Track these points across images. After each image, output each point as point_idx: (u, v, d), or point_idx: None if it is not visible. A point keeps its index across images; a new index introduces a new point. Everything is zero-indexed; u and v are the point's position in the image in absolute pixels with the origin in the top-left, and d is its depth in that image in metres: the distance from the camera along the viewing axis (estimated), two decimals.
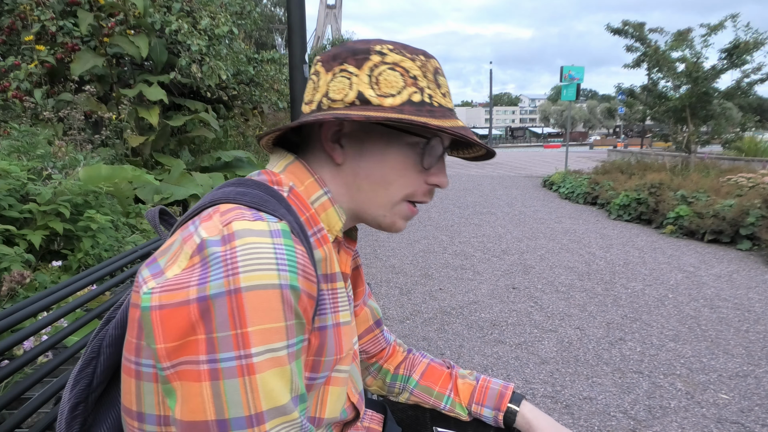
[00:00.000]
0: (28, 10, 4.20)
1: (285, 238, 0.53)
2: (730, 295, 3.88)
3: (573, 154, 20.92)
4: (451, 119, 0.67)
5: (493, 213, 7.89)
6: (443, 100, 0.68)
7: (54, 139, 3.49)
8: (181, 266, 0.51)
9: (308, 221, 0.65)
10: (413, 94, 0.65)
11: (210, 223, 0.54)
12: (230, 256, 0.50)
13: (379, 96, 0.64)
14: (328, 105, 0.66)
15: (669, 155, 11.85)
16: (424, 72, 0.67)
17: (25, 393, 0.90)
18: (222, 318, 0.48)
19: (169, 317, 0.49)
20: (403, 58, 0.66)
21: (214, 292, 0.48)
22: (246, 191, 0.60)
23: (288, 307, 0.51)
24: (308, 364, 0.61)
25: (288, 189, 0.65)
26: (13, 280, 1.69)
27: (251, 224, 0.53)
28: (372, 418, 0.91)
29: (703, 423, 2.21)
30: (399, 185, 0.69)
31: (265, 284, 0.49)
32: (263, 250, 0.51)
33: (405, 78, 0.65)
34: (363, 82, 0.65)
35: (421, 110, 0.65)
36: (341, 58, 0.66)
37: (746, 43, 9.12)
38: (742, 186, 6.39)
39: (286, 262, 0.51)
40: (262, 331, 0.49)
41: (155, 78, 4.61)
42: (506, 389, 0.93)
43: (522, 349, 2.97)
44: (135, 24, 4.45)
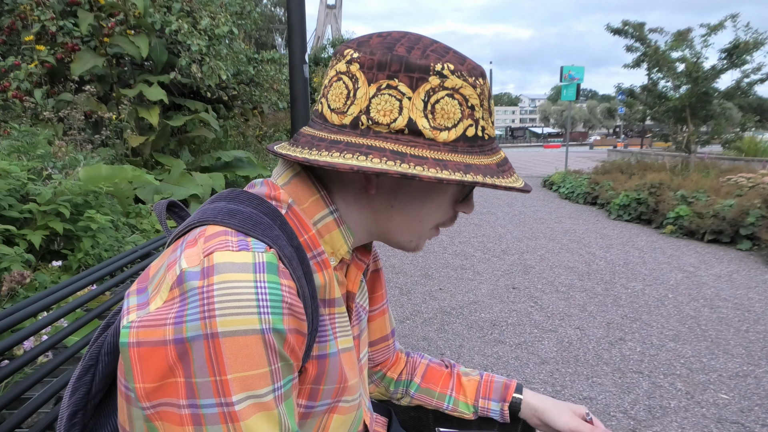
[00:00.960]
0: (28, 10, 4.20)
1: (270, 273, 0.49)
2: (730, 295, 3.88)
3: (573, 154, 20.92)
4: (496, 153, 0.63)
5: (493, 213, 7.89)
6: (491, 130, 0.63)
7: (54, 139, 3.49)
8: (163, 298, 0.48)
9: (307, 244, 0.59)
10: (468, 128, 0.59)
11: (192, 251, 0.50)
12: (207, 295, 0.46)
13: (434, 129, 0.57)
14: (367, 125, 0.57)
15: (669, 155, 11.85)
16: (482, 100, 0.60)
17: (25, 393, 0.90)
18: (200, 363, 0.45)
19: (147, 356, 0.46)
20: (464, 83, 0.58)
21: (191, 335, 0.45)
22: (237, 210, 0.55)
23: (272, 352, 0.48)
24: (305, 393, 0.59)
25: (287, 206, 0.60)
26: (13, 280, 1.69)
27: (234, 256, 0.49)
28: (376, 421, 0.91)
29: (703, 423, 2.21)
30: (434, 218, 0.66)
31: (245, 330, 0.46)
32: (243, 291, 0.47)
33: (463, 108, 0.58)
34: (417, 108, 0.57)
35: (473, 146, 0.60)
36: (391, 71, 0.57)
37: (746, 43, 9.12)
38: (742, 186, 6.39)
39: (268, 304, 0.47)
40: (243, 378, 0.46)
41: (155, 78, 4.61)
42: (510, 381, 0.93)
43: (522, 349, 2.97)
44: (135, 24, 4.45)
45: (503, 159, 0.63)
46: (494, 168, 0.60)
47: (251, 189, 0.62)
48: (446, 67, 0.57)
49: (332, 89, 0.60)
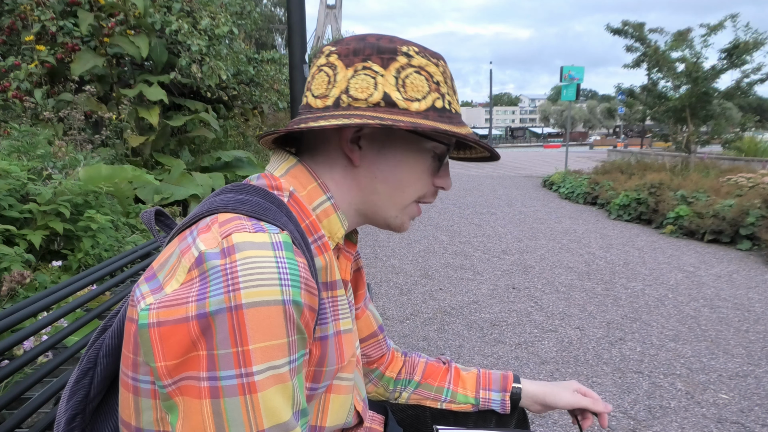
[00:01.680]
0: (29, 10, 4.20)
1: (287, 251, 0.52)
2: (730, 295, 3.88)
3: (573, 154, 20.92)
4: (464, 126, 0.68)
5: (493, 213, 7.89)
6: (457, 107, 0.70)
7: (54, 139, 3.49)
8: (180, 281, 0.50)
9: (308, 228, 0.63)
10: (436, 100, 0.66)
11: (208, 235, 0.52)
12: (231, 271, 0.48)
13: (406, 100, 0.64)
14: (348, 103, 0.64)
15: (669, 155, 11.85)
16: (445, 78, 0.67)
17: (25, 393, 0.90)
18: (223, 335, 0.47)
19: (169, 334, 0.47)
20: (428, 62, 0.66)
21: (215, 309, 0.47)
22: (245, 199, 0.58)
23: (291, 323, 0.50)
24: (309, 375, 0.61)
25: (288, 194, 0.64)
26: (13, 280, 1.69)
27: (252, 236, 0.51)
28: (373, 418, 0.91)
29: (703, 423, 2.21)
30: (414, 188, 0.70)
31: (268, 300, 0.48)
32: (265, 265, 0.49)
33: (429, 83, 0.65)
34: (389, 84, 0.63)
35: (443, 117, 0.66)
36: (364, 55, 0.64)
37: (746, 43, 9.12)
38: (742, 186, 6.39)
39: (289, 277, 0.50)
40: (264, 348, 0.48)
41: (155, 78, 4.61)
42: (507, 373, 0.98)
43: (522, 349, 2.97)
44: (135, 24, 4.45)
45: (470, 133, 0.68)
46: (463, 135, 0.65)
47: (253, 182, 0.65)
48: (411, 49, 0.65)
49: (314, 81, 0.67)
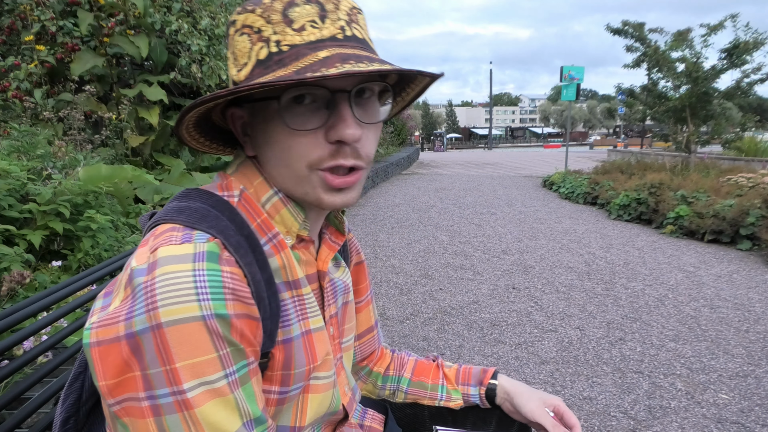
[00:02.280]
0: (28, 10, 4.20)
1: (209, 262, 0.51)
2: (730, 295, 3.88)
3: (573, 154, 20.94)
4: (309, 56, 0.53)
5: (493, 213, 7.89)
6: (298, 37, 0.55)
7: (54, 139, 3.49)
8: (120, 298, 0.50)
9: (261, 228, 0.61)
10: (260, 51, 0.56)
11: (143, 250, 0.53)
12: (150, 289, 0.48)
13: (238, 71, 0.58)
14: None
15: (669, 155, 11.85)
16: (268, 16, 0.56)
17: (25, 393, 0.90)
18: (151, 355, 0.47)
19: (106, 354, 0.48)
20: (247, 14, 0.57)
21: (140, 328, 0.47)
22: (186, 206, 0.57)
23: (217, 337, 0.49)
24: (277, 379, 0.60)
25: (239, 193, 0.62)
26: (13, 280, 1.69)
27: (176, 249, 0.51)
28: (373, 417, 0.91)
29: (703, 423, 2.21)
30: (294, 157, 0.58)
31: (186, 317, 0.47)
32: (181, 280, 0.48)
33: (251, 37, 0.57)
34: (231, 63, 0.60)
35: (268, 65, 0.55)
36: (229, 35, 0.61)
37: (746, 43, 9.12)
38: (742, 186, 6.39)
39: (208, 291, 0.49)
40: (191, 365, 0.47)
41: (155, 78, 4.60)
42: (489, 369, 0.94)
43: (522, 349, 2.97)
44: (135, 24, 4.44)
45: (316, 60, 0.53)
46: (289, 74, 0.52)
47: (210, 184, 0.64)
48: (235, 14, 0.59)
49: None
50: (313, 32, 0.56)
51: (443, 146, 50.38)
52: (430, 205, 8.71)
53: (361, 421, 0.88)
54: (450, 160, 24.42)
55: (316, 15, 0.56)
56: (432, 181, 12.44)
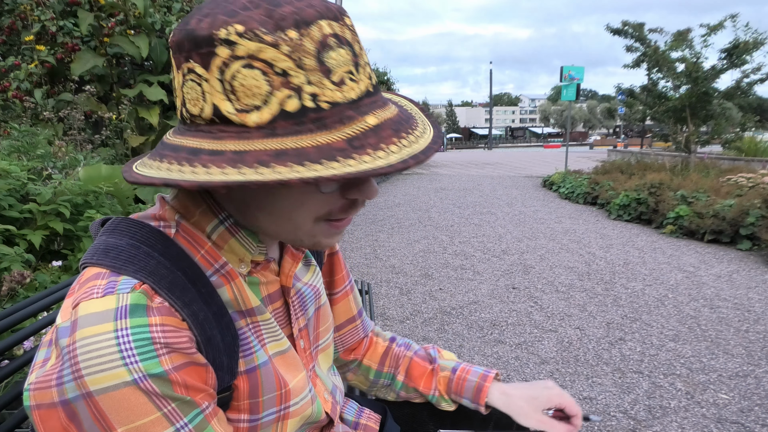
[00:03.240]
0: (29, 10, 4.20)
1: (133, 318, 0.46)
2: (730, 295, 3.88)
3: (573, 154, 20.93)
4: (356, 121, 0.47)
5: (493, 213, 7.89)
6: (338, 93, 0.47)
7: (54, 139, 3.49)
8: (54, 355, 0.47)
9: (205, 258, 0.55)
10: (287, 100, 0.45)
11: (68, 302, 0.48)
12: (72, 355, 0.44)
13: (240, 111, 0.46)
14: (189, 119, 0.50)
15: (669, 155, 11.84)
16: (299, 58, 0.45)
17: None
18: (89, 423, 0.44)
19: (46, 418, 0.45)
20: (262, 45, 0.44)
21: (72, 396, 0.44)
22: (114, 245, 0.52)
23: (156, 397, 0.45)
24: (245, 408, 0.58)
25: (175, 224, 0.55)
26: (13, 280, 1.69)
27: (97, 304, 0.46)
28: (369, 416, 0.90)
29: (703, 423, 2.21)
30: (301, 213, 0.53)
31: (116, 384, 0.44)
32: (103, 344, 0.44)
33: (269, 77, 0.45)
34: (216, 91, 0.46)
35: (302, 122, 0.46)
36: (186, 51, 0.47)
37: (746, 43, 9.12)
38: (742, 186, 6.39)
39: (134, 352, 0.44)
40: (134, 429, 0.45)
41: (155, 78, 4.61)
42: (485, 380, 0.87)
43: (522, 349, 2.97)
44: (135, 24, 4.45)
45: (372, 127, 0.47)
46: (340, 145, 0.45)
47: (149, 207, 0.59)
48: (233, 30, 0.44)
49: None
50: (352, 87, 0.48)
51: (443, 146, 50.38)
52: (430, 205, 8.71)
53: (357, 419, 0.87)
54: (450, 160, 24.41)
55: (351, 63, 0.48)
56: (432, 181, 12.44)
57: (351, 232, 6.35)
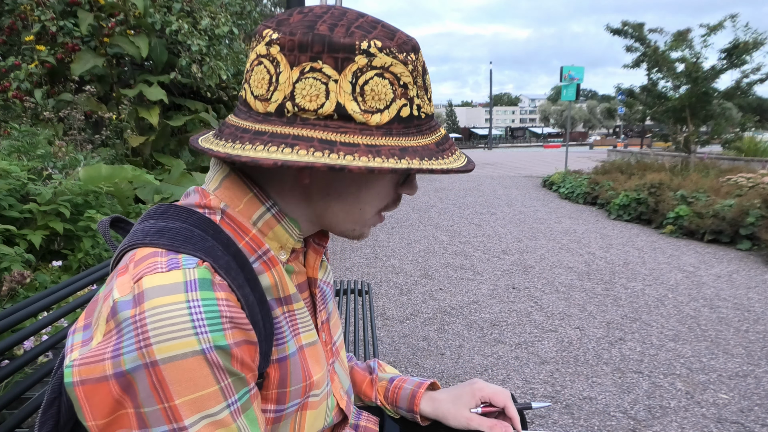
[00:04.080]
0: (29, 11, 4.20)
1: (203, 290, 0.48)
2: (730, 295, 3.88)
3: (573, 154, 20.92)
4: (435, 131, 0.60)
5: (493, 213, 7.89)
6: (429, 107, 0.59)
7: (54, 139, 3.49)
8: (102, 332, 0.47)
9: (249, 246, 0.58)
10: (402, 108, 0.55)
11: (123, 279, 0.49)
12: (140, 324, 0.45)
13: (365, 112, 0.53)
14: (293, 113, 0.53)
15: (669, 155, 11.85)
16: (415, 77, 0.56)
17: (25, 393, 0.90)
18: (145, 393, 0.45)
19: (93, 393, 0.45)
20: (394, 61, 0.54)
21: (130, 367, 0.44)
22: (166, 227, 0.53)
23: (218, 369, 0.47)
24: (272, 397, 0.59)
25: (220, 212, 0.58)
26: (13, 280, 1.69)
27: (163, 278, 0.47)
28: (368, 419, 0.90)
29: (703, 423, 2.21)
30: (374, 204, 0.63)
31: (185, 353, 0.45)
32: (176, 314, 0.45)
33: (395, 88, 0.54)
34: (345, 92, 0.52)
35: (409, 126, 0.56)
36: (313, 52, 0.52)
37: (746, 43, 9.12)
38: (742, 186, 6.39)
39: (205, 322, 0.46)
40: (192, 401, 0.45)
41: (155, 78, 4.60)
42: (419, 388, 0.87)
43: (522, 349, 2.97)
44: (135, 24, 4.44)
45: (443, 136, 0.60)
46: (433, 148, 0.57)
47: (185, 199, 0.60)
48: (373, 44, 0.53)
49: (254, 74, 0.56)
50: (432, 104, 0.61)
51: None
52: (430, 205, 8.71)
53: (356, 421, 0.88)
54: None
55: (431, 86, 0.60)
56: (432, 181, 12.44)
57: None
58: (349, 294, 2.42)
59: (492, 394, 0.84)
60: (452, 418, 0.84)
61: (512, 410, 0.84)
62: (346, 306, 2.31)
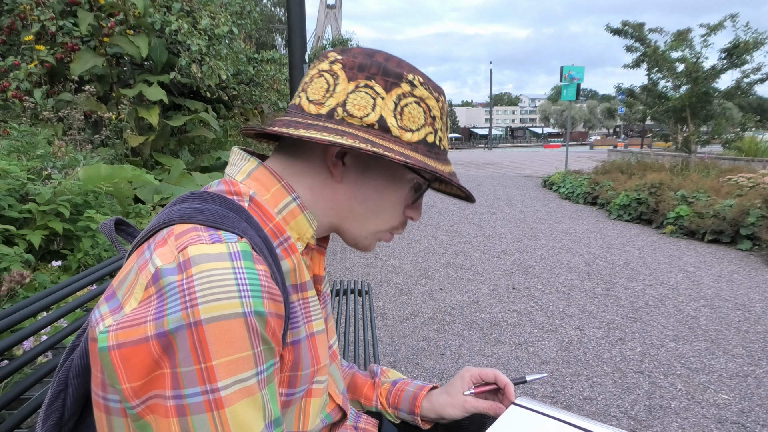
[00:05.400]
0: (28, 10, 4.20)
1: (246, 260, 0.51)
2: (731, 295, 3.88)
3: (573, 154, 20.92)
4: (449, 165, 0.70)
5: (493, 213, 7.89)
6: (446, 144, 0.70)
7: (54, 139, 3.48)
8: (138, 299, 0.49)
9: (273, 232, 0.62)
10: (429, 134, 0.66)
11: (165, 249, 0.51)
12: (188, 286, 0.47)
13: (401, 128, 0.63)
14: (342, 117, 0.62)
15: (669, 155, 11.84)
16: (442, 114, 0.68)
17: (25, 393, 0.90)
18: (185, 352, 0.46)
19: (130, 356, 0.46)
20: (430, 95, 0.66)
21: (174, 326, 0.46)
22: (202, 207, 0.57)
23: (254, 335, 0.49)
24: (284, 381, 0.60)
25: (249, 199, 0.62)
26: (12, 280, 1.68)
27: (208, 248, 0.50)
28: (367, 421, 0.90)
29: (703, 423, 2.21)
30: (389, 217, 0.70)
31: (228, 314, 0.47)
32: (223, 277, 0.48)
33: (426, 117, 0.65)
34: (387, 108, 0.63)
35: (431, 152, 0.66)
36: (369, 73, 0.63)
37: (746, 43, 9.12)
38: (743, 186, 6.39)
39: (248, 288, 0.49)
40: (228, 362, 0.47)
41: (155, 78, 4.60)
42: (421, 390, 0.90)
43: (522, 349, 2.97)
44: (135, 24, 4.44)
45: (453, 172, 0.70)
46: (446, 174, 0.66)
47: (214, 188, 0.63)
48: (416, 78, 0.65)
49: (312, 84, 0.65)
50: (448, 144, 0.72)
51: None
52: (430, 205, 8.71)
53: (356, 423, 0.88)
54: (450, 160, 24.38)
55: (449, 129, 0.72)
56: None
57: None
58: (349, 294, 2.41)
59: (480, 371, 0.89)
60: (449, 407, 0.86)
61: (503, 378, 0.88)
62: (346, 306, 2.30)
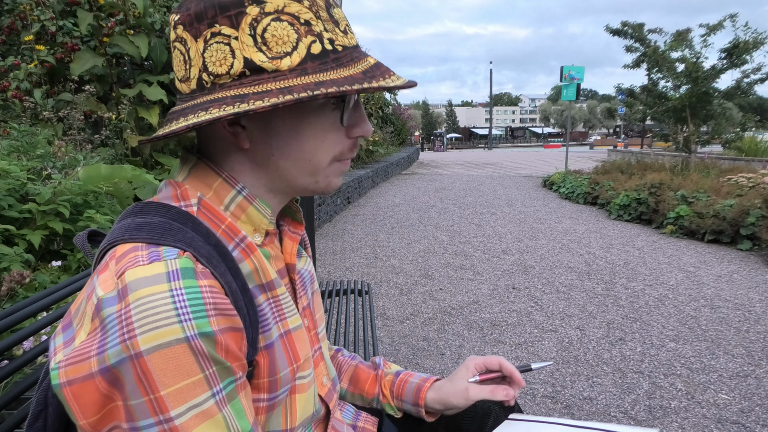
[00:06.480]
0: (28, 10, 4.20)
1: (186, 279, 0.48)
2: (731, 295, 3.88)
3: (573, 154, 20.93)
4: (360, 61, 0.57)
5: (493, 213, 7.89)
6: (346, 39, 0.58)
7: (54, 139, 3.48)
8: (86, 330, 0.47)
9: (227, 234, 0.58)
10: (312, 45, 0.55)
11: (106, 275, 0.49)
12: (125, 317, 0.45)
13: (273, 59, 0.53)
14: (211, 81, 0.55)
15: (669, 155, 11.85)
16: (317, 11, 0.55)
17: (25, 393, 0.90)
18: (131, 386, 0.45)
19: (81, 393, 0.45)
20: (287, 1, 0.54)
21: (115, 361, 0.44)
22: (144, 222, 0.54)
23: (202, 357, 0.47)
24: (264, 386, 0.59)
25: (197, 201, 0.58)
26: (12, 280, 1.68)
27: (146, 270, 0.47)
28: (366, 419, 0.90)
29: (703, 423, 2.21)
30: (323, 152, 0.61)
31: (169, 341, 0.45)
32: (160, 303, 0.46)
33: (296, 27, 0.54)
34: (247, 45, 0.53)
35: (325, 62, 0.55)
36: (208, 18, 0.54)
37: (746, 43, 9.12)
38: (743, 186, 6.39)
39: (188, 310, 0.46)
40: (177, 390, 0.45)
41: (155, 78, 4.60)
42: (425, 382, 0.87)
43: (522, 349, 2.97)
44: (135, 24, 4.44)
45: (373, 65, 0.58)
46: (359, 76, 0.55)
47: (159, 194, 0.61)
48: None
49: (174, 61, 0.59)
50: (351, 37, 0.59)
51: (443, 146, 50.46)
52: (430, 205, 8.71)
53: (354, 422, 0.88)
54: (450, 160, 24.41)
55: (346, 20, 0.59)
56: (432, 181, 12.44)
57: (351, 233, 6.35)
58: (349, 294, 2.41)
59: (485, 359, 0.86)
60: (453, 396, 0.84)
61: (508, 366, 0.85)
62: (346, 306, 2.30)
